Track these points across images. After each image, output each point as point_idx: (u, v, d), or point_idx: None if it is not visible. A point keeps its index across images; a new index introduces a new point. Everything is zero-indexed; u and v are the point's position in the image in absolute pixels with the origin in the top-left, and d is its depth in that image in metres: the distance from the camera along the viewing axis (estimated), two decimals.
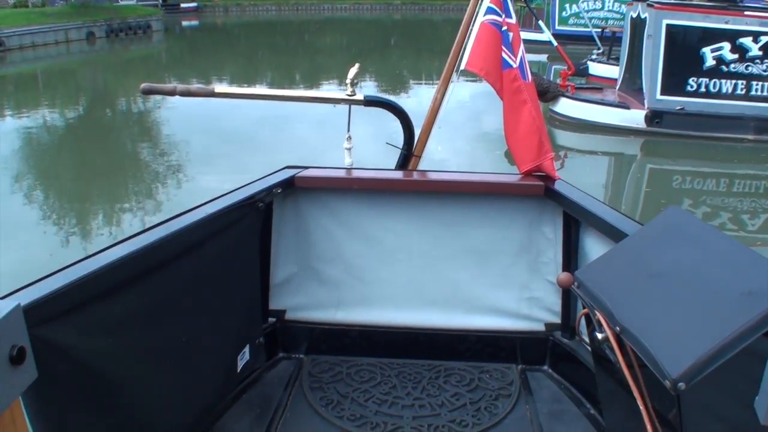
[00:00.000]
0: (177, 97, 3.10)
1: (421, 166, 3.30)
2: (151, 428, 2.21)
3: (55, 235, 8.68)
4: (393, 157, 3.36)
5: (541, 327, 3.11)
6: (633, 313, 1.81)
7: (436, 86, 3.34)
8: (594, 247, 2.74)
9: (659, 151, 13.41)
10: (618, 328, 1.82)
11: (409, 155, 3.26)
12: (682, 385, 1.53)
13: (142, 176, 11.84)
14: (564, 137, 13.98)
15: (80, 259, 1.96)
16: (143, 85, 3.11)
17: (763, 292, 1.57)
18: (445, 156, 10.70)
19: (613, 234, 2.41)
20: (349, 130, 3.14)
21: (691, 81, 13.20)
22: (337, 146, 3.24)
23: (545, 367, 3.10)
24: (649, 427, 1.84)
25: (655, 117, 13.34)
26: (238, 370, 2.76)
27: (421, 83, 24.21)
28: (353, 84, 3.10)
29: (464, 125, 14.09)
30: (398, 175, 3.14)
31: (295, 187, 2.95)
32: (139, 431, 2.16)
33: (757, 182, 11.54)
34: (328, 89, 21.25)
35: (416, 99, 19.13)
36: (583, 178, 3.07)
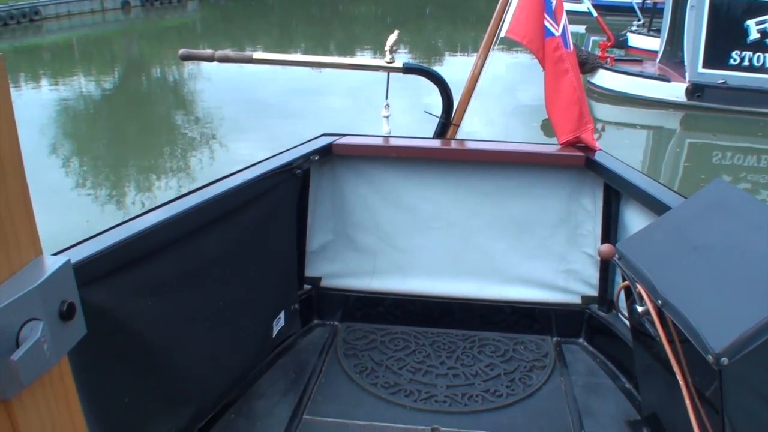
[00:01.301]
0: (213, 66, 3.12)
1: (459, 136, 3.27)
2: (188, 391, 2.25)
3: (91, 202, 8.81)
4: (430, 128, 3.33)
5: (577, 299, 3.08)
6: (675, 287, 1.77)
7: (471, 57, 3.30)
8: (634, 219, 2.69)
9: (699, 126, 13.14)
10: (659, 302, 1.79)
11: (447, 124, 3.23)
12: (725, 360, 1.50)
13: (177, 145, 11.93)
14: (602, 110, 13.76)
15: (122, 222, 1.98)
16: (181, 51, 3.12)
17: None
18: (480, 128, 10.61)
19: (656, 206, 2.37)
20: (387, 98, 3.11)
21: (734, 54, 12.86)
22: (371, 118, 3.22)
23: (581, 340, 3.08)
24: (688, 402, 1.82)
25: (696, 91, 13.05)
26: (273, 336, 2.79)
27: (456, 54, 23.92)
28: (392, 51, 3.06)
29: (500, 97, 13.93)
30: (436, 143, 3.11)
31: (332, 155, 2.94)
32: (177, 393, 2.20)
33: None
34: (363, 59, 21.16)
35: (452, 69, 18.94)
36: (621, 152, 3.02)
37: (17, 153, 0.79)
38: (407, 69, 3.09)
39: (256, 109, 13.44)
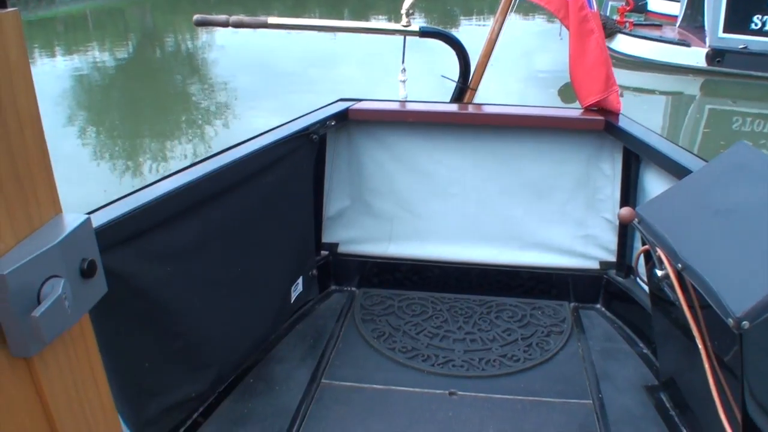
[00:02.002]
0: (227, 35, 3.11)
1: (476, 101, 3.24)
2: (208, 355, 2.27)
3: (109, 171, 8.85)
4: (447, 93, 3.30)
5: (595, 265, 3.06)
6: (696, 251, 1.76)
7: (487, 23, 3.24)
8: (654, 183, 2.66)
9: (720, 92, 12.94)
10: (680, 266, 1.78)
11: (464, 88, 3.19)
12: (746, 323, 1.49)
13: (192, 114, 11.93)
14: (620, 75, 13.48)
15: (141, 187, 1.98)
16: (196, 17, 3.09)
17: None
18: (497, 94, 10.50)
19: (676, 170, 2.34)
20: (403, 62, 3.08)
21: (756, 19, 12.61)
22: (386, 85, 3.19)
23: (598, 306, 3.07)
24: (707, 367, 1.81)
25: (716, 56, 12.83)
26: (292, 302, 2.80)
27: (471, 19, 23.64)
28: (408, 15, 3.02)
29: (517, 63, 13.78)
30: (453, 108, 3.09)
31: (348, 120, 2.92)
32: (197, 358, 2.22)
33: None
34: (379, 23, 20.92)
35: (468, 35, 18.72)
36: (639, 119, 2.97)
37: (35, 109, 0.79)
38: (424, 33, 3.05)
39: (271, 77, 13.39)
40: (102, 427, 0.97)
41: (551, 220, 3.05)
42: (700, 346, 1.83)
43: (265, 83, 13.08)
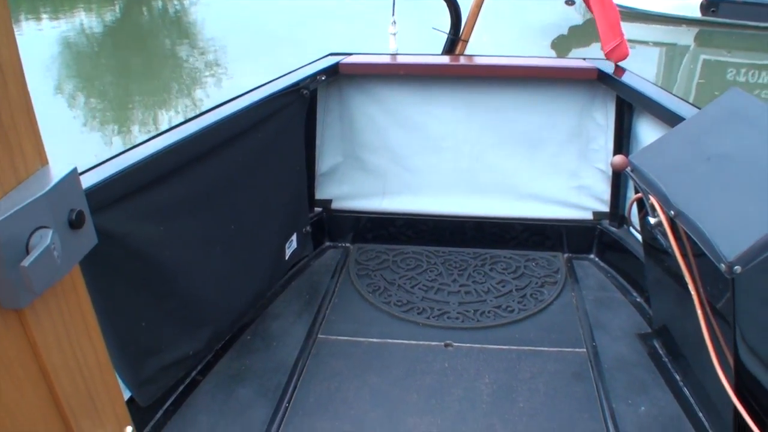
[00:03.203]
0: None
1: (468, 53, 3.20)
2: (204, 314, 2.29)
3: (100, 137, 8.77)
4: (438, 46, 3.26)
5: (588, 215, 3.07)
6: (689, 197, 1.76)
7: None
8: (647, 132, 2.65)
9: (714, 42, 12.81)
10: (672, 212, 1.78)
11: (456, 40, 3.16)
12: (738, 268, 1.50)
13: (182, 76, 11.79)
14: None
15: (130, 147, 1.97)
16: None
17: None
18: (488, 47, 10.40)
19: (669, 118, 2.33)
20: (393, 14, 3.04)
21: None
22: (376, 43, 3.14)
23: (592, 256, 3.08)
24: (699, 313, 1.82)
25: (710, 5, 12.66)
26: (286, 258, 2.81)
27: None
28: None
29: (508, 15, 13.59)
30: (445, 60, 3.06)
31: (339, 74, 2.89)
32: (194, 317, 2.23)
33: None
34: None
35: None
36: (633, 69, 2.95)
37: (17, 60, 0.77)
38: None
39: (259, 35, 13.20)
40: (98, 380, 0.98)
41: (544, 171, 3.04)
42: (693, 293, 1.85)
43: (254, 41, 12.91)
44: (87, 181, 1.72)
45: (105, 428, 1.01)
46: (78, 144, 8.33)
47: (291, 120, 2.66)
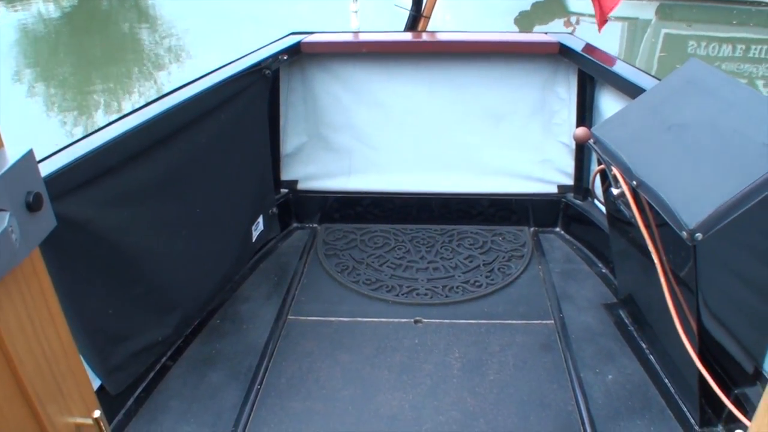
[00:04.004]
0: None
1: (430, 29, 3.20)
2: (172, 299, 2.27)
3: (60, 126, 8.61)
4: (400, 23, 3.25)
5: (553, 189, 3.10)
6: (650, 167, 1.78)
7: None
8: (609, 104, 2.68)
9: (675, 16, 12.93)
10: (634, 182, 1.81)
11: (417, 16, 3.15)
12: (699, 235, 1.53)
13: (144, 61, 11.60)
14: (575, 1, 13.47)
15: (89, 133, 1.94)
16: None
17: None
18: (451, 23, 10.38)
19: (631, 90, 2.35)
20: None
21: None
22: (339, 22, 3.11)
23: (557, 229, 3.12)
24: (663, 281, 1.86)
25: None
26: (254, 241, 2.79)
27: None
28: None
29: None
30: (407, 36, 3.05)
31: (301, 54, 2.87)
32: (161, 302, 2.22)
33: None
34: None
35: None
36: (595, 44, 2.98)
37: None
38: None
39: (220, 17, 13.04)
40: (63, 365, 0.97)
41: (509, 146, 3.06)
42: (656, 262, 1.88)
43: (215, 22, 12.74)
44: (47, 168, 1.69)
45: (72, 413, 1.00)
46: (38, 132, 8.16)
47: (254, 101, 2.63)
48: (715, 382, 1.75)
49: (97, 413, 1.03)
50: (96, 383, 1.99)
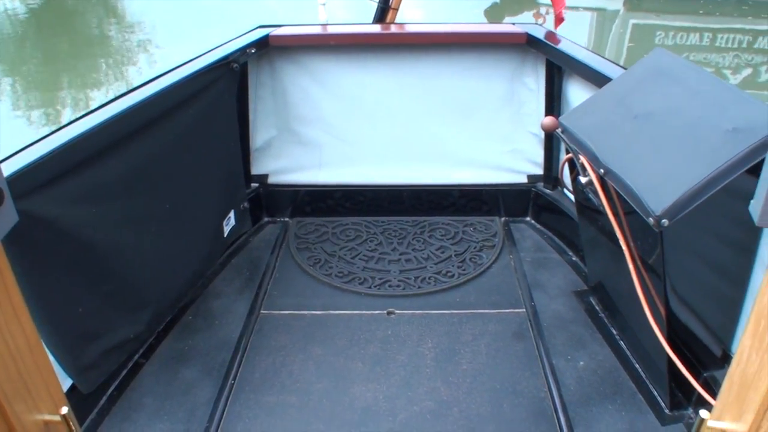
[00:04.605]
0: None
1: (398, 21, 3.20)
2: (143, 296, 2.25)
3: (26, 125, 8.47)
4: (368, 15, 3.24)
5: (523, 179, 3.12)
6: (617, 155, 1.80)
7: None
8: (577, 94, 2.70)
9: (643, 6, 13.05)
10: (602, 171, 1.83)
11: (386, 8, 3.15)
12: (665, 221, 1.55)
13: (112, 56, 11.45)
14: None
15: (55, 130, 1.91)
16: None
17: (748, 128, 1.56)
18: (419, 15, 10.38)
19: (598, 80, 2.37)
20: None
21: None
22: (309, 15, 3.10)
23: (528, 219, 3.15)
24: (632, 268, 1.88)
25: None
26: (225, 236, 2.78)
27: None
28: None
29: None
30: (376, 28, 3.04)
31: (269, 47, 2.85)
32: (132, 299, 2.20)
33: (740, 36, 11.31)
34: None
35: None
36: (564, 35, 3.02)
37: None
38: None
39: (188, 11, 12.92)
40: (29, 363, 0.96)
41: (478, 137, 3.08)
42: (625, 249, 1.90)
43: (184, 17, 12.62)
44: (12, 166, 1.67)
45: (40, 410, 0.99)
46: (5, 131, 8.02)
47: (222, 95, 2.61)
48: (684, 366, 1.78)
49: (65, 410, 1.02)
50: (68, 382, 1.97)
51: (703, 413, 1.05)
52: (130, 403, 2.13)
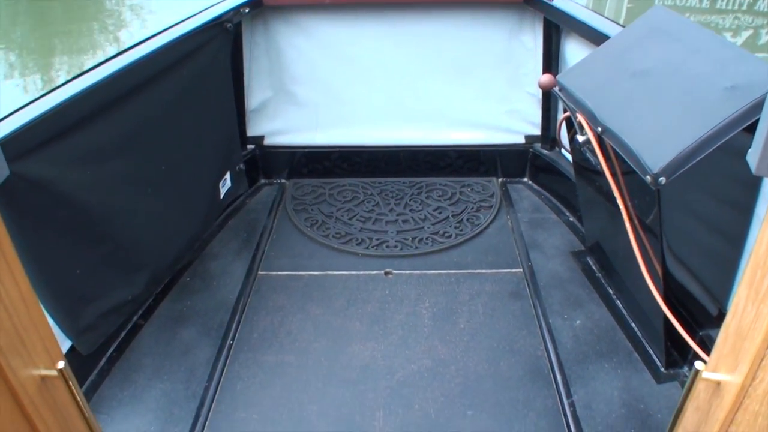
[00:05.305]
0: None
1: None
2: (141, 257, 2.25)
3: (21, 92, 8.39)
4: None
5: (521, 140, 3.11)
6: (615, 113, 1.79)
7: None
8: (575, 53, 2.68)
9: None
10: (599, 129, 1.81)
11: None
12: (662, 179, 1.54)
13: (106, 20, 11.31)
14: None
15: (50, 90, 1.89)
16: None
17: (747, 86, 1.55)
18: None
19: (596, 38, 2.35)
20: None
21: None
22: None
23: (525, 179, 3.14)
24: (629, 227, 1.88)
25: None
26: (221, 198, 2.77)
27: None
28: None
29: None
30: None
31: (263, 6, 2.81)
32: (130, 261, 2.20)
33: None
34: None
35: None
36: None
37: None
38: None
39: None
40: (24, 317, 0.96)
41: (476, 97, 3.06)
42: (622, 208, 1.90)
43: None
44: (4, 129, 1.65)
45: (36, 365, 1.00)
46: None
47: (216, 55, 2.58)
48: (680, 324, 1.79)
49: (61, 364, 1.02)
50: (67, 344, 1.98)
51: (698, 364, 1.06)
52: (130, 364, 2.15)
